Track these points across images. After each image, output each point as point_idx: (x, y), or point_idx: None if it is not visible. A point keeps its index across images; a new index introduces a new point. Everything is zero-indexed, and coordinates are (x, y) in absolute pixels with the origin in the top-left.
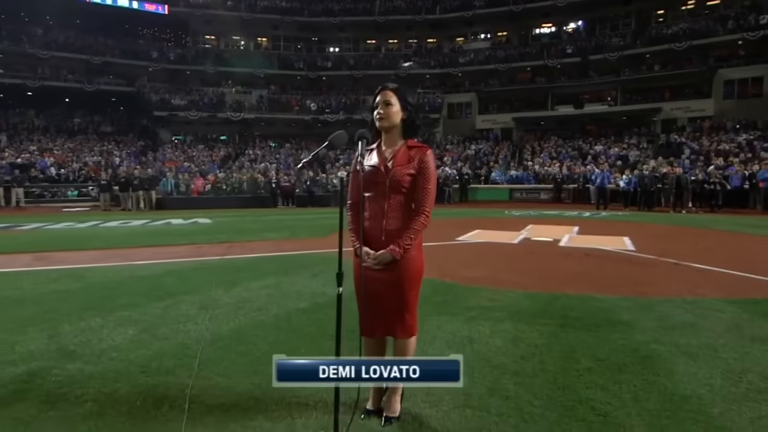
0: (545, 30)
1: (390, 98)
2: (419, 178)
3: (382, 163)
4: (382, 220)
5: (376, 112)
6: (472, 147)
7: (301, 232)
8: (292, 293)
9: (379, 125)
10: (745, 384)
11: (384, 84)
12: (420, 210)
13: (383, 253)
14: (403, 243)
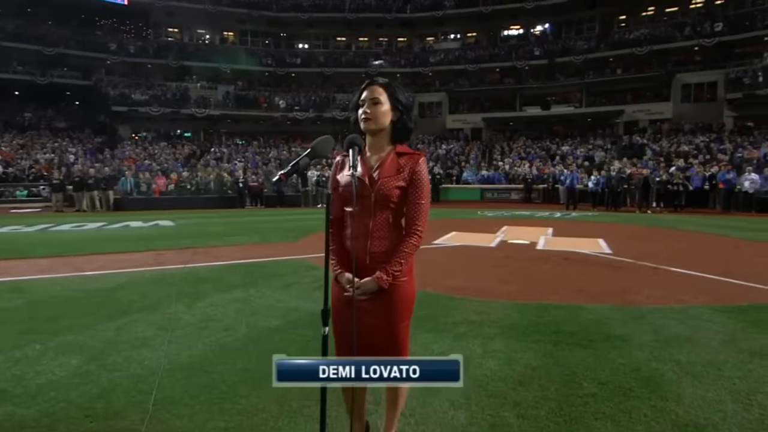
0: (513, 32)
1: (379, 95)
2: (410, 192)
3: (366, 173)
4: (367, 240)
5: (362, 111)
6: (443, 147)
7: (271, 236)
8: (263, 309)
9: (364, 127)
10: (757, 408)
11: (372, 78)
12: (411, 229)
13: (368, 281)
14: (392, 269)
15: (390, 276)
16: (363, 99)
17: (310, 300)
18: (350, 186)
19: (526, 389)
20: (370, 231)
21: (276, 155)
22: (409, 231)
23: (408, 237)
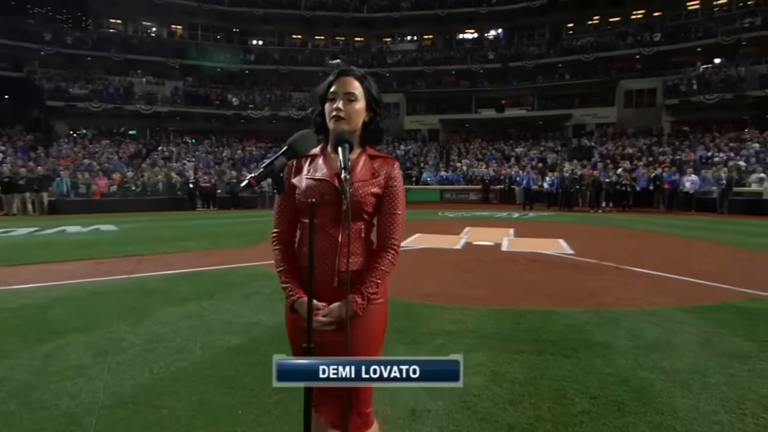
0: (468, 35)
1: (354, 90)
2: (385, 201)
3: (333, 177)
4: (335, 258)
5: (334, 107)
6: (401, 147)
7: (226, 241)
8: (220, 325)
9: (334, 127)
10: (751, 418)
11: (343, 67)
12: (387, 243)
13: (338, 306)
14: (367, 291)
15: (365, 300)
16: (334, 92)
17: (272, 313)
18: (317, 191)
19: (517, 409)
20: (339, 246)
21: (229, 155)
22: (385, 246)
23: (383, 252)
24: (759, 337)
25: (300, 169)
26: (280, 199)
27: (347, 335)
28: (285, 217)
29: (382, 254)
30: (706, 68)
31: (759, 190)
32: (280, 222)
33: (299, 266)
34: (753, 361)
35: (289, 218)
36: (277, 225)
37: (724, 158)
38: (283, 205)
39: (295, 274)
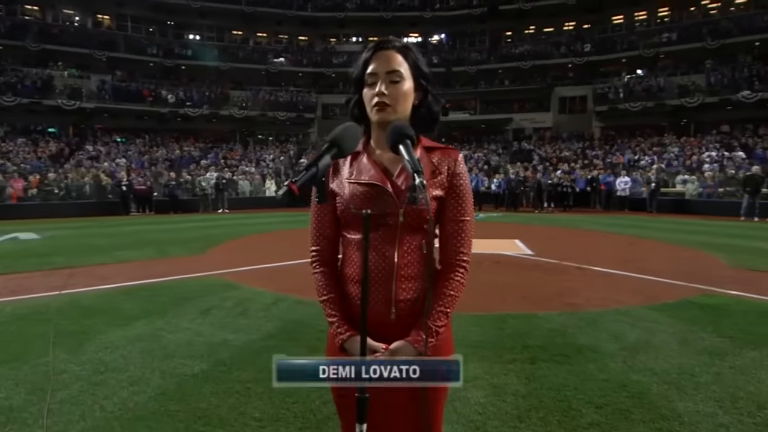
0: (413, 39)
1: (398, 65)
2: (450, 205)
3: (383, 180)
4: (390, 283)
5: (375, 92)
6: None
7: (171, 249)
8: (179, 346)
9: (378, 117)
10: (748, 417)
11: (381, 39)
12: (455, 260)
13: (401, 347)
14: (436, 325)
15: (435, 336)
16: (373, 72)
17: (237, 330)
18: (366, 199)
19: (527, 426)
20: (396, 267)
21: (165, 155)
22: (452, 264)
23: (451, 273)
24: (726, 332)
25: (338, 171)
26: (318, 210)
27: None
28: (324, 232)
29: (450, 275)
30: (630, 78)
31: (682, 190)
32: (319, 238)
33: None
34: (730, 357)
35: (329, 233)
36: (316, 242)
37: (649, 161)
38: (321, 217)
39: (342, 305)
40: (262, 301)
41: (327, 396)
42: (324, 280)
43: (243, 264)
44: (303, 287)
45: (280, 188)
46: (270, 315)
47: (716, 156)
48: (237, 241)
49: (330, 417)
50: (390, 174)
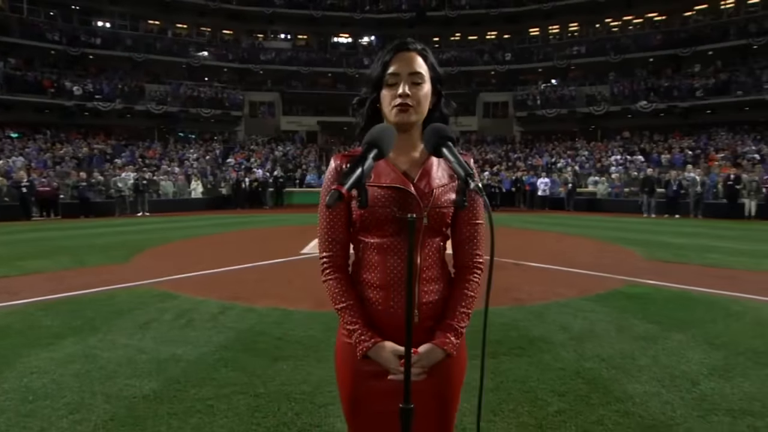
0: (343, 39)
1: (419, 68)
2: (465, 208)
3: (405, 183)
4: (414, 285)
5: (398, 93)
6: (279, 148)
7: (89, 257)
8: (121, 366)
9: (399, 119)
10: (687, 393)
11: (399, 40)
12: (473, 263)
13: (429, 350)
14: (459, 326)
15: (459, 337)
16: (395, 73)
17: (185, 343)
18: (389, 202)
19: (501, 419)
20: (419, 270)
21: (71, 153)
22: (469, 266)
23: (469, 274)
24: (654, 318)
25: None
26: (329, 215)
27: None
28: (337, 237)
29: (468, 277)
30: (546, 86)
31: (594, 190)
32: (331, 243)
33: (362, 300)
34: (661, 341)
35: (342, 238)
36: (327, 247)
37: (564, 164)
38: (333, 222)
39: (362, 312)
40: (206, 311)
41: (300, 407)
42: (340, 286)
43: (176, 272)
44: (250, 294)
45: (328, 194)
46: (219, 325)
47: (620, 159)
48: (165, 247)
49: (305, 428)
50: (410, 177)
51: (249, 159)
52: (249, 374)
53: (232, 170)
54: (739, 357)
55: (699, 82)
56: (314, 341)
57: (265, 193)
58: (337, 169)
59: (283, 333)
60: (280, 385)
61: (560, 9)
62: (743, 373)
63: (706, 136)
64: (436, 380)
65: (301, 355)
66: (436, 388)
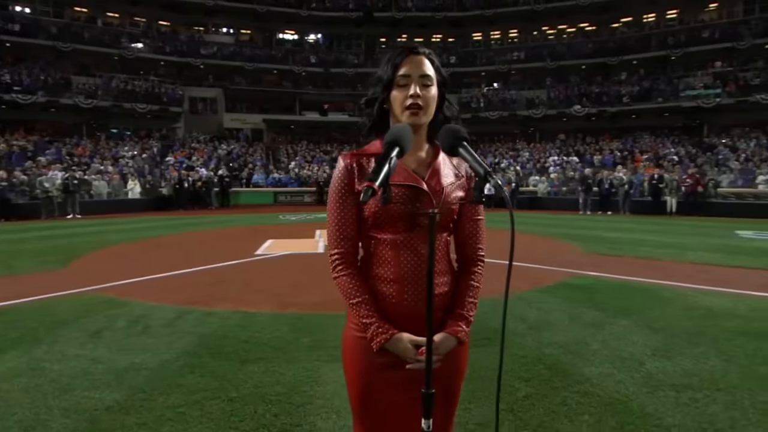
0: (289, 36)
1: (428, 70)
2: (468, 205)
3: (417, 181)
4: (425, 278)
5: (410, 94)
6: (222, 147)
7: (19, 263)
8: (75, 378)
9: (411, 120)
10: (636, 372)
11: (408, 43)
12: (476, 256)
13: (443, 338)
14: (469, 314)
15: (469, 325)
16: (406, 74)
17: (144, 350)
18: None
19: (476, 406)
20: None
21: None
22: (473, 259)
23: (473, 267)
24: (600, 306)
25: (364, 172)
26: (340, 212)
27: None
28: (348, 234)
29: (473, 269)
30: (489, 89)
31: (535, 189)
32: (342, 240)
33: (375, 294)
34: (608, 326)
35: (352, 235)
36: (338, 244)
37: (507, 164)
38: (343, 219)
39: (376, 306)
40: (162, 317)
41: (278, 408)
42: (353, 281)
43: (122, 277)
44: (207, 298)
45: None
46: (178, 331)
47: (558, 160)
48: (106, 251)
49: (286, 429)
50: (420, 175)
51: (190, 157)
52: (219, 379)
53: (172, 169)
54: (675, 338)
55: (625, 89)
56: (282, 342)
57: (210, 193)
58: (348, 167)
59: (248, 336)
60: (254, 387)
61: (501, 16)
62: (680, 352)
63: (632, 138)
64: (445, 369)
65: (271, 356)
66: (444, 377)
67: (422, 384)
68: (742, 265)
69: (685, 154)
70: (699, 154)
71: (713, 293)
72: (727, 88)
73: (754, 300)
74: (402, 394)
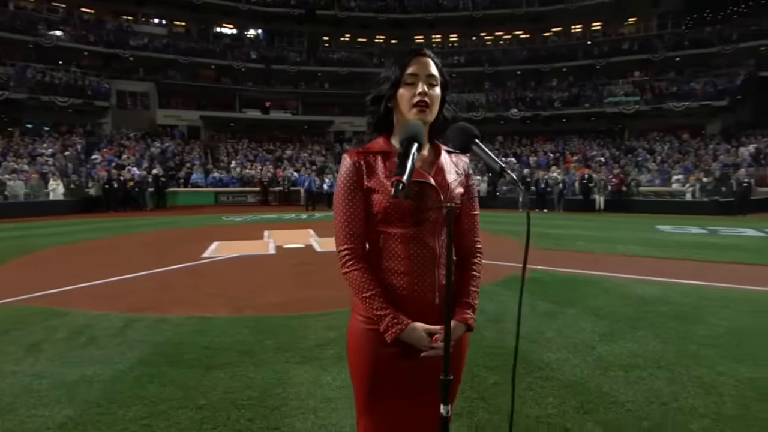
0: (227, 30)
1: (434, 71)
2: (466, 201)
3: (426, 177)
4: (434, 271)
5: (418, 92)
6: (156, 144)
7: None
8: (18, 396)
9: (418, 117)
10: (588, 356)
11: (415, 46)
12: (475, 248)
13: (454, 325)
14: (474, 302)
15: (474, 312)
16: (413, 74)
17: (93, 362)
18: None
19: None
20: (438, 257)
21: None
22: (473, 251)
23: (474, 258)
24: (551, 298)
25: (373, 170)
26: (349, 208)
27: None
28: (357, 230)
29: (473, 260)
30: None
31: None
32: (352, 236)
33: (385, 286)
34: (560, 315)
35: (361, 230)
36: (347, 240)
37: None
38: (353, 215)
39: (388, 298)
40: (109, 326)
41: (252, 412)
42: (365, 275)
43: (54, 285)
44: (156, 304)
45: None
46: (129, 340)
47: None
48: (32, 257)
49: None
50: (426, 172)
51: (120, 156)
52: (183, 387)
53: (100, 168)
54: (618, 323)
55: (556, 95)
56: (246, 346)
57: (144, 193)
58: (356, 164)
59: (208, 341)
60: (223, 393)
61: (442, 20)
62: (624, 336)
63: (563, 141)
64: (452, 355)
65: (237, 361)
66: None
67: (428, 372)
68: (665, 256)
69: (610, 155)
70: (621, 156)
71: (645, 282)
72: (645, 96)
73: (681, 287)
74: (409, 384)
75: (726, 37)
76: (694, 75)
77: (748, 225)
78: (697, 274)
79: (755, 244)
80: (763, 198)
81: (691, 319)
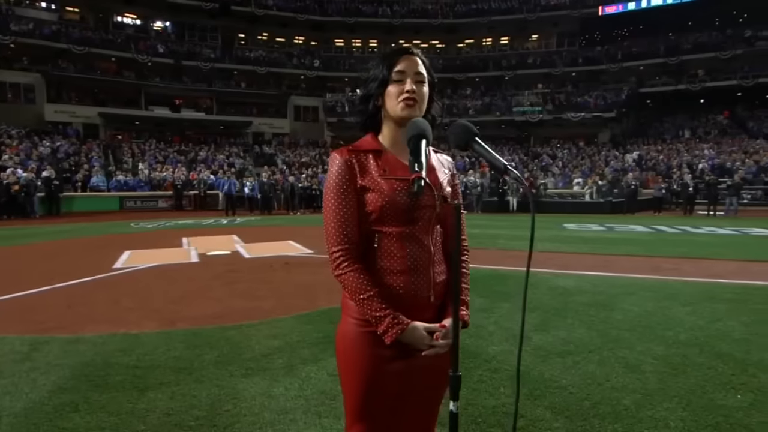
0: (129, 20)
1: (422, 69)
2: (454, 198)
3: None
4: (429, 269)
5: (406, 89)
6: (45, 143)
7: None
8: None
9: (406, 113)
10: (526, 347)
11: (407, 46)
12: (463, 246)
13: (452, 324)
14: (467, 299)
15: (468, 308)
16: (401, 71)
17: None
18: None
19: None
20: (432, 254)
21: None
22: (461, 248)
23: (462, 256)
24: (484, 293)
25: (366, 169)
26: (342, 208)
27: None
28: (350, 230)
29: (462, 258)
30: (352, 95)
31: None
32: (345, 237)
33: (382, 286)
34: (496, 310)
35: (355, 231)
36: (340, 240)
37: None
38: (346, 216)
39: (385, 299)
40: (11, 351)
41: (212, 423)
42: (361, 277)
43: None
44: (67, 322)
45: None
46: (40, 366)
47: None
48: None
49: None
50: (430, 170)
51: (0, 156)
52: (115, 413)
53: None
54: (547, 314)
55: (471, 103)
56: (182, 362)
57: (32, 199)
58: (348, 163)
59: (136, 360)
60: (164, 416)
61: (361, 25)
62: (555, 326)
63: None
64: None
65: (174, 379)
66: (442, 363)
67: (423, 373)
68: (574, 251)
69: (519, 161)
70: (529, 161)
71: (563, 275)
72: (547, 107)
73: (592, 278)
74: (405, 386)
75: (612, 56)
76: (587, 89)
77: (637, 222)
78: (603, 266)
79: (644, 238)
80: (647, 198)
81: (608, 307)
